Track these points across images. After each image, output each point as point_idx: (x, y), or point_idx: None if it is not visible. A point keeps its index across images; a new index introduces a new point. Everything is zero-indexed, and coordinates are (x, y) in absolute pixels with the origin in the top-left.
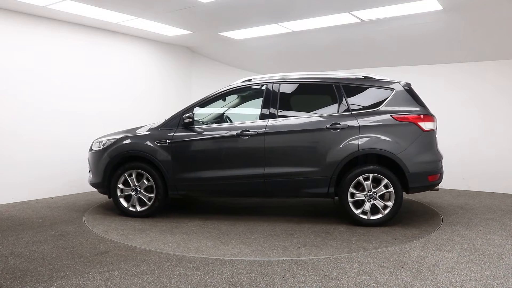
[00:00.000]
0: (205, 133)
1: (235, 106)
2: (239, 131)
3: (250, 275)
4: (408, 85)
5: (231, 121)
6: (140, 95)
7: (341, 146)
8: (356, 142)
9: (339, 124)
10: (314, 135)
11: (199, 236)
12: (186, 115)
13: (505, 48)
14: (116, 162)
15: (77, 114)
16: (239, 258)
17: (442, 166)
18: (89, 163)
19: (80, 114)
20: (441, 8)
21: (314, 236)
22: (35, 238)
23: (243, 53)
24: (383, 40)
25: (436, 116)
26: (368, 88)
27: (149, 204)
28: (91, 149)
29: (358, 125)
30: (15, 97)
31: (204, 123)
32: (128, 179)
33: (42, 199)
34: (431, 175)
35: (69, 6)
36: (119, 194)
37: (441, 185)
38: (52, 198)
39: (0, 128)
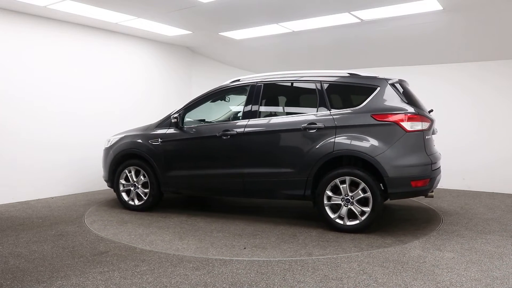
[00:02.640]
0: (191, 132)
1: (223, 106)
2: (221, 131)
3: (250, 275)
4: (399, 81)
5: (217, 121)
6: (141, 95)
7: (316, 147)
8: (331, 143)
9: (315, 124)
10: (291, 135)
11: (168, 230)
12: (174, 115)
13: (505, 48)
14: (118, 159)
15: (78, 114)
16: (239, 258)
17: (434, 170)
18: (102, 159)
19: (81, 114)
20: (441, 8)
21: (275, 239)
22: (35, 238)
23: (243, 53)
24: (383, 40)
25: (430, 116)
26: (351, 85)
27: (145, 199)
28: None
29: (335, 125)
30: (15, 97)
31: (195, 123)
32: (128, 175)
33: (42, 199)
34: (415, 180)
35: (69, 6)
36: (121, 188)
37: (441, 185)
38: (52, 198)
39: (0, 128)
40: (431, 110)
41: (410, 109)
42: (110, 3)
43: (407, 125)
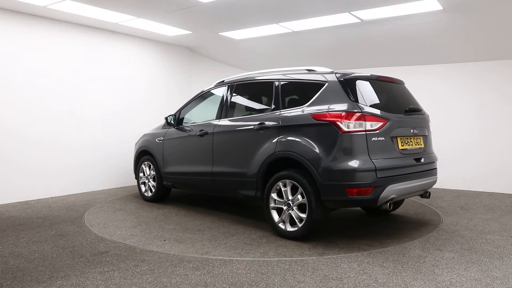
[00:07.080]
0: (181, 132)
1: (210, 106)
2: (199, 131)
3: (250, 275)
4: (354, 76)
5: (202, 121)
6: (142, 95)
7: (263, 147)
8: (275, 143)
9: (264, 124)
10: (244, 135)
11: (138, 219)
12: (168, 116)
13: (505, 48)
14: (138, 154)
15: (78, 114)
16: (239, 258)
17: (383, 178)
18: None
19: (81, 114)
20: (441, 8)
21: (209, 235)
22: (35, 238)
23: (243, 53)
24: (383, 40)
25: (388, 116)
26: (304, 83)
27: (153, 191)
28: None
29: (279, 125)
30: (14, 97)
31: (191, 123)
32: (144, 169)
33: (42, 199)
34: (351, 188)
35: (69, 6)
36: (140, 181)
37: (441, 185)
38: (52, 198)
39: (0, 128)
40: (411, 109)
41: (353, 108)
42: (110, 3)
43: (344, 125)
